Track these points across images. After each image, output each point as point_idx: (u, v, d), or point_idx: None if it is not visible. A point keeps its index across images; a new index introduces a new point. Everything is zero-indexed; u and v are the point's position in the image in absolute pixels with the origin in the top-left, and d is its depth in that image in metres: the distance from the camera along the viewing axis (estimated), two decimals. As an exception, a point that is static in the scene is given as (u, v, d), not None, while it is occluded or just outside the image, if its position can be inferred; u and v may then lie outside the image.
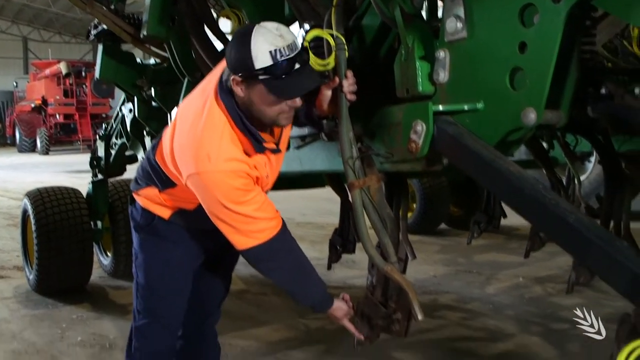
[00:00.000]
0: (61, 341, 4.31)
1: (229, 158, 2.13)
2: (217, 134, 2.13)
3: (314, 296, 2.42)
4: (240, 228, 2.20)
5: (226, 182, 2.12)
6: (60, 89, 27.13)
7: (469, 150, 1.84)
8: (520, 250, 7.00)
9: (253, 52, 1.97)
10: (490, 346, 4.17)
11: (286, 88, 2.04)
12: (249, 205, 2.17)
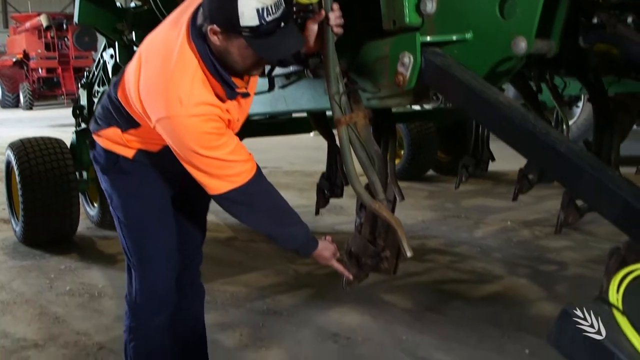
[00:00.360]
0: (50, 291, 4.29)
1: (201, 102, 2.05)
2: (189, 77, 2.04)
3: (297, 238, 2.36)
4: (214, 173, 2.13)
5: (198, 127, 2.04)
6: (42, 43, 26.61)
7: (457, 81, 1.79)
8: (508, 195, 6.99)
9: (240, 7, 1.89)
10: (478, 288, 4.19)
11: (269, 49, 1.98)
12: (222, 149, 2.09)
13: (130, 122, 2.27)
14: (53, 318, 3.80)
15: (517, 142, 1.67)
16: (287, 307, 3.86)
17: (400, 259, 2.19)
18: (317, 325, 3.59)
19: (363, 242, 2.30)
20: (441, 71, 1.84)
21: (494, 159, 5.17)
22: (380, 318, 3.67)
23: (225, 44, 1.99)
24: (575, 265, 4.61)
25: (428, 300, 3.92)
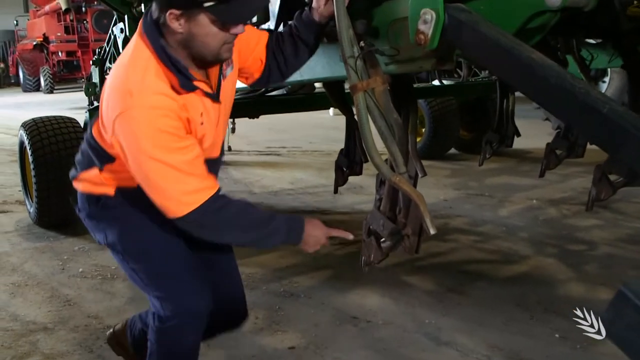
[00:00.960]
0: (62, 273, 4.19)
1: (154, 91, 1.88)
2: (141, 69, 1.90)
3: (279, 230, 2.09)
4: (169, 189, 1.92)
5: (151, 122, 1.86)
6: (61, 26, 26.61)
7: (484, 38, 1.61)
8: (532, 173, 6.86)
9: None
10: (503, 268, 4.02)
11: (235, 11, 1.85)
12: (178, 154, 1.89)
13: (105, 157, 2.09)
14: (64, 301, 3.69)
15: (553, 104, 1.50)
16: (304, 289, 3.72)
17: (422, 237, 2.02)
18: (336, 308, 3.44)
19: (383, 219, 2.14)
20: (466, 28, 1.67)
21: (519, 134, 4.96)
22: (402, 300, 3.52)
23: (188, 26, 1.85)
24: (605, 244, 4.42)
25: (451, 282, 3.76)
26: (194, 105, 1.96)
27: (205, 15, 1.83)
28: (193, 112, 1.96)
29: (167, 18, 1.85)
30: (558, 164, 4.28)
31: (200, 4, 1.81)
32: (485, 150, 4.97)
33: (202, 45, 1.90)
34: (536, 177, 6.64)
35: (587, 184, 6.20)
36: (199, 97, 1.99)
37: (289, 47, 2.24)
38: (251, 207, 2.08)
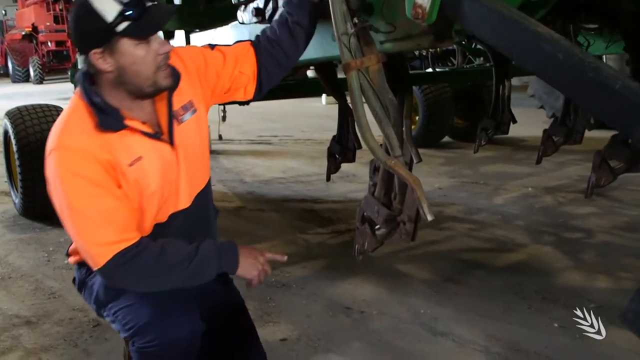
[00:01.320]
0: (47, 264, 4.08)
1: (72, 131, 1.83)
2: (67, 113, 1.89)
3: (209, 261, 1.94)
4: (81, 239, 1.85)
5: (67, 164, 1.79)
6: (51, 15, 26.37)
7: (487, 11, 1.51)
8: (527, 161, 6.80)
9: (99, 11, 1.75)
10: (500, 257, 3.93)
11: (149, 23, 1.81)
12: (92, 202, 1.80)
13: None
14: (49, 293, 3.59)
15: (561, 80, 1.40)
16: (296, 279, 3.62)
17: (419, 223, 1.93)
18: (329, 298, 3.35)
19: (377, 205, 2.04)
20: (467, 0, 1.56)
21: (515, 120, 4.86)
22: (396, 290, 3.42)
23: (114, 61, 1.81)
24: (602, 232, 4.34)
25: (447, 271, 3.67)
26: (124, 145, 1.87)
27: (124, 41, 1.79)
28: (120, 154, 1.86)
29: (93, 60, 1.82)
30: (555, 151, 4.19)
31: (113, 31, 1.77)
32: (480, 137, 4.86)
33: (135, 75, 1.84)
34: (531, 165, 6.61)
35: (583, 171, 6.18)
36: (138, 137, 1.90)
37: (284, 35, 2.14)
38: (171, 246, 1.92)
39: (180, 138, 1.99)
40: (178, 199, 2.04)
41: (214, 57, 2.14)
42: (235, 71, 2.14)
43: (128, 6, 1.76)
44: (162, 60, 1.87)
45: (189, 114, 2.04)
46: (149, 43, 1.83)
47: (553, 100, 8.63)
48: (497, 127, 4.80)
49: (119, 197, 1.87)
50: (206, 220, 2.19)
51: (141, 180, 1.90)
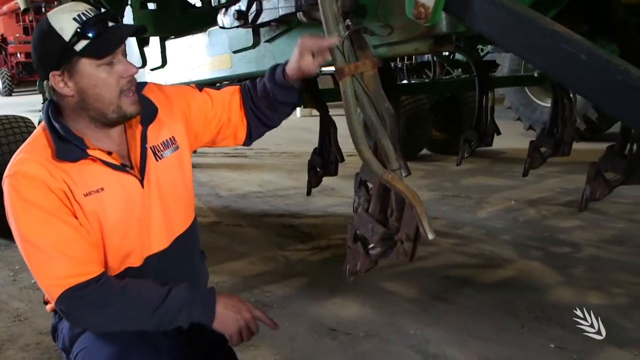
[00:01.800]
0: (12, 284, 3.86)
1: (24, 159, 1.71)
2: (26, 143, 1.78)
3: (178, 308, 1.73)
4: (35, 270, 1.69)
5: (19, 191, 1.66)
6: (20, 26, 26.04)
7: (499, 10, 1.37)
8: (507, 173, 6.72)
9: (57, 29, 1.65)
10: (488, 273, 3.80)
11: (108, 41, 1.68)
12: (44, 229, 1.66)
13: None
14: (14, 316, 3.37)
15: (585, 84, 1.26)
16: (278, 298, 3.44)
17: (418, 242, 1.78)
18: (313, 319, 3.18)
19: (372, 222, 1.88)
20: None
21: (499, 132, 4.76)
22: (384, 309, 3.26)
23: (74, 83, 1.69)
24: (589, 245, 4.24)
25: (435, 288, 3.52)
26: (82, 175, 1.72)
27: (84, 61, 1.67)
28: (76, 183, 1.71)
29: (53, 84, 1.69)
30: (543, 163, 4.09)
31: (72, 51, 1.65)
32: (463, 149, 4.74)
33: (97, 99, 1.71)
34: (512, 177, 6.55)
35: (564, 183, 6.11)
36: (101, 167, 1.75)
37: (266, 107, 2.03)
38: (137, 286, 1.75)
39: (156, 175, 1.85)
40: (150, 239, 1.87)
41: (200, 100, 2.02)
42: (224, 117, 2.04)
43: (86, 24, 1.65)
44: (126, 84, 1.73)
45: (169, 151, 1.90)
46: (111, 65, 1.70)
47: (530, 112, 8.60)
48: (481, 139, 4.68)
49: (75, 227, 1.71)
50: (189, 264, 2.01)
51: (99, 213, 1.75)
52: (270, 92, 1.97)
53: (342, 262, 3.99)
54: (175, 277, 1.83)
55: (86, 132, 1.75)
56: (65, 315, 1.74)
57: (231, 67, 2.59)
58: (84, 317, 1.72)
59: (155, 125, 1.88)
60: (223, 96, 2.04)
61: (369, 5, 1.82)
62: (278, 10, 1.96)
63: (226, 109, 2.03)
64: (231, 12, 2.16)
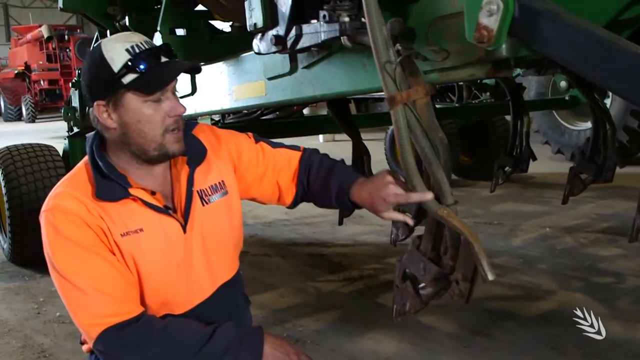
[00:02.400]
0: (37, 318, 3.76)
1: (62, 193, 1.66)
2: (67, 177, 1.74)
3: (227, 347, 1.64)
4: (72, 310, 1.64)
5: (57, 227, 1.61)
6: (44, 54, 26.35)
7: (573, 32, 1.24)
8: (539, 199, 6.55)
9: (108, 58, 1.60)
10: (529, 306, 3.63)
11: (157, 78, 1.62)
12: (81, 266, 1.60)
13: None
14: (39, 351, 3.26)
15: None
16: (311, 333, 3.30)
17: (476, 282, 1.65)
18: (349, 356, 3.03)
19: (423, 261, 1.75)
20: (546, 20, 1.30)
21: (535, 158, 4.63)
22: (422, 345, 3.11)
23: (118, 116, 1.63)
24: (633, 275, 4.06)
25: (474, 322, 3.36)
26: (120, 214, 1.65)
27: (130, 95, 1.62)
28: (114, 222, 1.64)
29: (97, 113, 1.65)
30: (583, 190, 3.96)
31: (119, 83, 1.60)
32: (497, 175, 4.64)
33: (139, 135, 1.64)
34: (543, 203, 6.38)
35: (599, 209, 5.93)
36: (142, 208, 1.68)
37: (318, 195, 1.95)
38: (179, 324, 1.68)
39: (201, 220, 1.76)
40: (192, 287, 1.78)
41: (253, 153, 1.94)
42: (272, 178, 1.96)
43: (138, 57, 1.59)
44: (172, 123, 1.66)
45: (218, 195, 1.82)
46: (159, 102, 1.63)
47: (558, 136, 8.44)
48: (516, 165, 4.57)
49: (113, 264, 1.64)
50: (232, 312, 1.89)
51: (136, 254, 1.66)
52: (331, 193, 1.88)
53: (375, 293, 3.88)
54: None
55: (129, 168, 1.68)
56: (103, 355, 1.65)
57: (265, 94, 2.49)
58: (124, 358, 1.62)
59: (204, 168, 1.80)
60: (277, 157, 1.95)
61: (418, 29, 1.71)
62: (320, 34, 1.85)
63: (276, 172, 1.94)
64: (268, 37, 2.05)
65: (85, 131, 5.06)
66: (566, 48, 1.26)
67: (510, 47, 1.47)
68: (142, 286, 1.70)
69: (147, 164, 1.69)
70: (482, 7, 1.38)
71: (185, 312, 1.77)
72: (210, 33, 3.29)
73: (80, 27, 30.98)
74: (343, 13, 1.80)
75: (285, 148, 2.00)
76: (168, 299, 1.75)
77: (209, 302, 1.81)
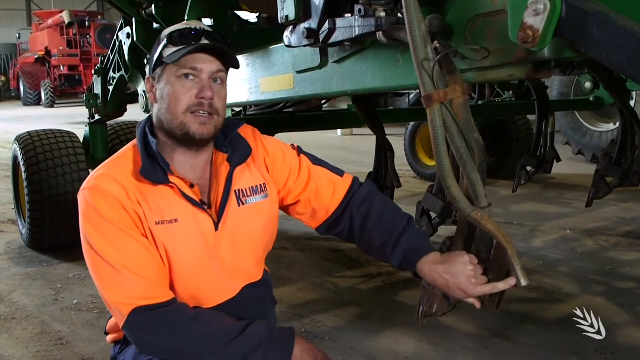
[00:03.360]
0: (54, 304, 3.76)
1: (103, 175, 1.69)
2: (112, 158, 1.78)
3: (258, 340, 1.62)
4: (105, 288, 1.63)
5: (93, 204, 1.64)
6: (64, 40, 26.46)
7: (624, 33, 1.20)
8: (559, 200, 6.48)
9: (161, 37, 1.74)
10: (550, 309, 3.58)
11: (187, 51, 1.67)
12: (115, 245, 1.61)
13: None
14: (56, 339, 3.25)
15: None
16: (329, 330, 3.27)
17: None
18: (367, 354, 3.00)
19: (454, 263, 1.71)
20: (595, 21, 1.26)
21: (559, 159, 4.56)
22: (442, 346, 3.07)
23: (157, 89, 1.73)
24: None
25: (495, 324, 3.32)
26: (157, 201, 1.67)
27: (168, 69, 1.70)
28: (150, 209, 1.66)
29: (146, 87, 1.79)
30: (608, 193, 3.90)
31: (161, 56, 1.70)
32: (520, 175, 4.58)
33: (167, 110, 1.70)
34: (564, 205, 6.31)
35: (621, 212, 5.86)
36: (179, 198, 1.69)
37: (370, 244, 1.88)
38: (211, 316, 1.69)
39: (234, 220, 1.76)
40: (220, 284, 1.79)
41: (295, 165, 1.92)
42: (304, 197, 1.92)
43: (180, 34, 1.69)
44: (197, 105, 1.67)
45: (257, 197, 1.81)
46: (191, 80, 1.67)
47: (579, 137, 8.36)
48: (539, 166, 4.51)
49: (147, 248, 1.65)
50: (258, 313, 1.85)
51: (168, 244, 1.67)
52: (390, 254, 1.81)
53: (394, 291, 3.84)
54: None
55: (171, 153, 1.72)
56: (133, 332, 1.64)
57: (294, 87, 2.45)
58: (153, 338, 1.63)
59: (245, 168, 1.80)
60: (317, 175, 1.92)
61: (456, 27, 1.67)
62: (354, 29, 1.81)
63: (313, 190, 1.90)
64: (300, 30, 2.02)
65: (107, 119, 5.06)
66: (617, 50, 1.22)
67: (553, 48, 1.43)
68: (171, 276, 1.70)
69: (181, 147, 1.71)
70: (528, 7, 1.34)
71: (212, 307, 1.77)
72: (237, 24, 3.26)
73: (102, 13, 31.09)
74: (379, 8, 1.76)
75: (327, 168, 1.96)
76: (196, 292, 1.75)
77: (236, 300, 1.80)
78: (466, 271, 1.64)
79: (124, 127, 5.23)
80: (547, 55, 1.45)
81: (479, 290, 1.65)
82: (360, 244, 1.91)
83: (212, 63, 1.70)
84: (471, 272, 1.64)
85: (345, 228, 1.91)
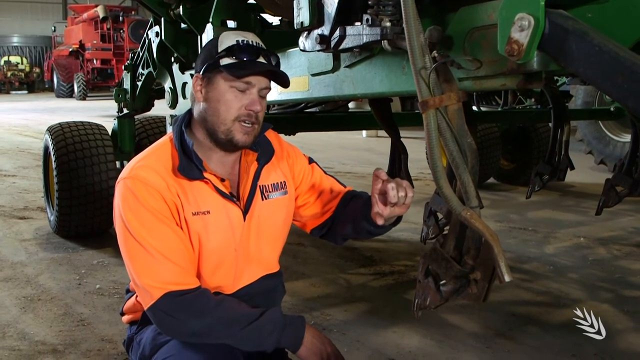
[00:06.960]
0: (78, 288, 3.93)
1: (145, 166, 1.84)
2: (149, 150, 1.94)
3: (272, 325, 1.80)
4: (138, 268, 1.77)
5: (133, 192, 1.79)
6: (98, 34, 26.93)
7: (599, 51, 1.31)
8: (576, 209, 6.53)
9: (219, 41, 1.87)
10: (555, 313, 3.67)
11: (247, 68, 1.83)
12: (152, 231, 1.77)
13: None
14: (78, 320, 3.42)
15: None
16: (337, 323, 3.40)
17: (493, 282, 1.73)
18: (373, 347, 3.12)
19: (445, 259, 1.83)
20: (574, 38, 1.36)
21: (572, 167, 4.63)
22: (445, 343, 3.18)
23: (207, 91, 1.87)
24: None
25: (499, 324, 3.42)
26: (194, 194, 1.84)
27: (221, 76, 1.84)
28: (188, 201, 1.83)
29: (193, 83, 1.90)
30: (618, 202, 3.97)
31: (217, 62, 1.83)
32: (534, 182, 4.65)
33: (214, 114, 1.85)
34: (581, 213, 6.36)
35: (636, 223, 5.90)
36: (212, 192, 1.87)
37: (349, 226, 2.10)
38: (232, 302, 1.85)
39: (259, 213, 1.95)
40: (243, 272, 1.97)
41: (307, 171, 2.17)
42: (310, 199, 2.15)
43: (240, 46, 1.83)
44: (245, 115, 1.84)
45: (278, 193, 2.02)
46: (243, 92, 1.83)
47: (602, 146, 8.36)
48: (553, 173, 4.58)
49: (182, 237, 1.82)
50: (269, 300, 2.06)
51: (202, 234, 1.84)
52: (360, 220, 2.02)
53: (404, 289, 3.96)
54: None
55: (206, 151, 1.88)
56: (162, 315, 1.77)
57: (308, 89, 2.59)
58: (179, 321, 1.76)
59: (269, 166, 1.99)
60: (324, 181, 2.17)
61: (456, 38, 1.79)
62: (362, 37, 1.94)
63: (315, 194, 2.14)
64: (313, 36, 2.15)
65: (135, 113, 5.24)
66: (592, 66, 1.33)
67: (541, 61, 1.53)
68: (199, 264, 1.87)
69: (218, 147, 1.87)
70: (515, 22, 1.45)
71: (230, 294, 1.93)
72: (260, 27, 3.40)
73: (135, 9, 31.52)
74: (385, 18, 1.88)
75: (335, 179, 2.23)
76: (219, 279, 1.92)
77: (251, 287, 1.98)
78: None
79: (150, 122, 5.41)
80: (535, 68, 1.56)
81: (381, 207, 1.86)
82: (341, 234, 2.15)
83: (263, 80, 1.87)
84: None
85: (331, 230, 2.15)
